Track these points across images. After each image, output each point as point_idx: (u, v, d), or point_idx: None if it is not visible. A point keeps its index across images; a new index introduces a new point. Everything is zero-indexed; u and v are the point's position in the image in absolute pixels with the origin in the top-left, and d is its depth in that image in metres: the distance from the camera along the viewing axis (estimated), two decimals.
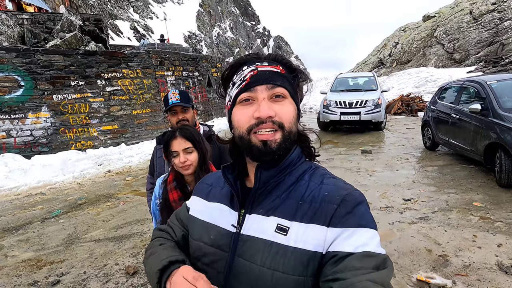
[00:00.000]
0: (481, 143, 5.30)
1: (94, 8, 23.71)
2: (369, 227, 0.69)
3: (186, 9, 48.51)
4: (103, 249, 3.81)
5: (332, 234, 0.68)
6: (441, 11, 28.30)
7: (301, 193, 0.76)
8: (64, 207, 5.25)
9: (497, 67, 13.90)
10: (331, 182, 0.78)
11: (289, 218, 0.73)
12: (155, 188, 1.74)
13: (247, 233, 0.77)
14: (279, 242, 0.72)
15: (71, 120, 7.91)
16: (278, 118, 0.75)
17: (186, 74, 10.95)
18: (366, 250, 0.65)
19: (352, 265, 0.63)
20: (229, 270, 0.78)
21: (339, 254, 0.66)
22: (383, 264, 0.64)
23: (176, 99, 2.10)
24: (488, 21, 20.68)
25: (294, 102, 0.80)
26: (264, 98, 0.75)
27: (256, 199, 0.79)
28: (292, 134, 0.77)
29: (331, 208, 0.71)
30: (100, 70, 8.29)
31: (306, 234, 0.70)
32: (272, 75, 0.77)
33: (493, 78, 5.96)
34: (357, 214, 0.70)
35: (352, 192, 0.74)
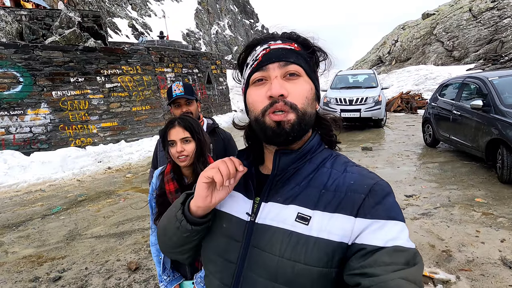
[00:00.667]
0: (483, 140, 5.30)
1: (92, 6, 23.59)
2: (399, 219, 0.65)
3: (184, 7, 48.35)
4: (104, 245, 3.79)
5: (360, 225, 0.65)
6: (440, 8, 28.32)
7: (323, 181, 0.72)
8: (64, 204, 5.23)
9: (496, 65, 13.92)
10: (355, 170, 0.74)
11: (311, 207, 0.69)
12: (152, 180, 1.72)
13: (263, 222, 0.73)
14: (300, 232, 0.68)
15: (71, 117, 7.87)
16: (291, 98, 0.70)
17: (185, 71, 10.92)
18: (396, 245, 0.62)
19: (382, 260, 0.60)
20: (243, 261, 0.74)
21: (367, 247, 0.62)
22: (413, 260, 0.61)
23: (180, 91, 2.05)
24: (487, 18, 20.69)
25: (311, 81, 0.75)
26: (276, 76, 0.71)
27: (273, 187, 0.76)
28: (307, 115, 0.72)
29: (358, 198, 0.67)
30: (99, 66, 8.24)
31: (330, 224, 0.66)
32: (285, 52, 0.73)
33: (494, 75, 5.96)
34: (386, 205, 0.66)
35: (379, 181, 0.70)
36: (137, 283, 2.99)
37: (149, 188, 1.74)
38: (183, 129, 1.54)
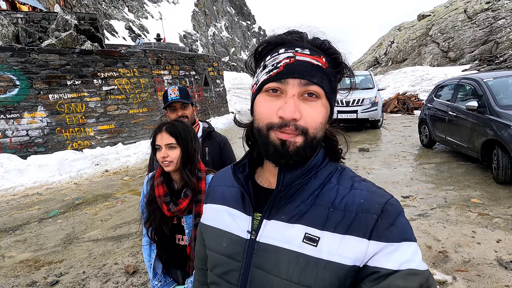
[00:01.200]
0: (478, 140, 5.34)
1: (88, 8, 23.55)
2: (412, 240, 0.63)
3: (181, 9, 48.37)
4: (102, 248, 3.79)
5: (374, 248, 0.62)
6: (435, 10, 28.51)
7: (331, 199, 0.68)
8: (62, 207, 5.22)
9: (491, 65, 14.03)
10: (363, 187, 0.70)
11: (319, 227, 0.65)
12: (143, 185, 1.72)
13: (266, 241, 0.69)
14: (308, 254, 0.64)
15: (68, 120, 7.85)
16: (303, 123, 0.65)
17: (183, 73, 10.93)
18: (410, 268, 0.59)
19: (396, 284, 0.58)
20: (245, 283, 0.70)
21: (381, 271, 0.60)
22: (426, 283, 0.59)
23: (175, 95, 2.07)
24: (482, 19, 20.85)
25: (329, 103, 0.69)
26: (294, 94, 0.65)
27: (276, 203, 0.71)
28: (315, 140, 0.68)
29: (371, 219, 0.63)
30: (96, 69, 8.23)
31: (342, 246, 0.63)
32: (310, 68, 0.66)
33: (489, 76, 6.01)
34: (400, 227, 0.63)
35: (390, 200, 0.66)
36: (135, 286, 2.99)
37: None
38: (169, 135, 1.54)
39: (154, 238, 1.63)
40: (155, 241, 1.64)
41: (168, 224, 1.59)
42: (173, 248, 1.64)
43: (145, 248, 1.71)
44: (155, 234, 1.61)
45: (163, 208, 1.54)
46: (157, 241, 1.63)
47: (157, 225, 1.58)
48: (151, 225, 1.61)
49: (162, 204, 1.54)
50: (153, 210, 1.58)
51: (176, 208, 1.53)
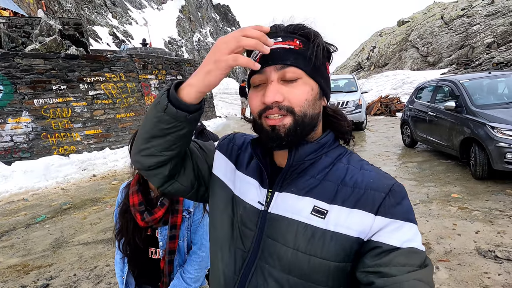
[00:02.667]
0: (457, 139, 5.58)
1: (71, 14, 23.22)
2: (414, 222, 0.66)
3: (166, 15, 48.19)
4: (92, 251, 3.78)
5: (379, 223, 0.65)
6: (414, 16, 29.45)
7: (341, 176, 0.71)
8: (49, 213, 5.14)
9: (468, 69, 14.63)
10: (372, 169, 0.74)
11: (327, 201, 0.68)
12: (118, 194, 1.63)
13: (277, 212, 0.72)
14: (316, 225, 0.67)
15: (53, 125, 7.72)
16: (287, 102, 0.68)
17: (169, 77, 10.93)
18: (412, 246, 0.62)
19: (398, 261, 0.60)
20: (256, 251, 0.73)
21: (383, 246, 0.63)
22: (425, 262, 0.62)
23: None
24: (458, 25, 21.71)
25: (314, 80, 0.72)
26: (272, 80, 0.69)
27: (287, 177, 0.74)
28: (307, 117, 0.70)
29: (378, 196, 0.66)
30: (82, 74, 8.15)
31: (349, 219, 0.66)
32: (283, 53, 0.69)
33: (465, 77, 6.30)
34: (405, 207, 0.66)
35: (397, 183, 0.70)
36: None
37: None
38: None
39: (125, 250, 1.53)
40: (127, 254, 1.54)
41: (142, 235, 1.50)
42: (146, 262, 1.55)
43: (118, 263, 1.60)
44: (127, 246, 1.52)
45: (137, 218, 1.45)
46: (129, 254, 1.54)
47: (130, 236, 1.49)
48: (123, 237, 1.52)
49: (136, 213, 1.45)
50: (126, 220, 1.49)
51: (150, 218, 1.44)
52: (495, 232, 3.45)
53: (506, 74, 6.30)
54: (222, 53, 0.64)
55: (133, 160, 0.80)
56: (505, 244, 3.19)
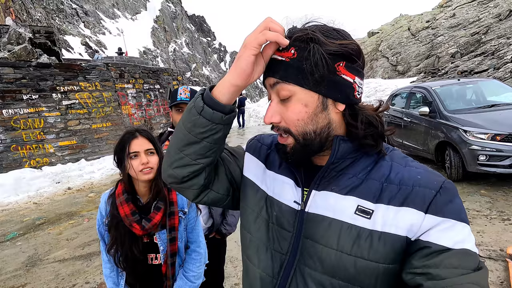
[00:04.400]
0: (432, 143, 5.81)
1: (41, 23, 22.40)
2: (467, 222, 0.61)
3: (140, 25, 47.63)
4: (70, 268, 3.58)
5: (429, 222, 0.61)
6: (383, 28, 30.78)
7: (385, 174, 0.68)
8: (21, 229, 4.84)
9: (435, 77, 15.39)
10: (418, 165, 0.69)
11: (372, 200, 0.65)
12: (100, 205, 1.53)
13: (316, 211, 0.69)
14: (361, 226, 0.64)
15: (24, 136, 7.34)
16: (283, 123, 0.68)
17: (147, 86, 10.74)
18: (465, 248, 0.58)
19: (450, 263, 0.57)
20: (295, 252, 0.70)
21: (433, 246, 0.59)
22: (479, 264, 0.58)
23: (185, 97, 1.91)
24: (424, 36, 22.91)
25: (316, 91, 0.65)
26: (272, 100, 0.69)
27: (327, 175, 0.70)
28: (309, 134, 0.67)
29: (429, 193, 0.62)
30: (55, 83, 7.84)
31: (397, 218, 0.62)
32: (274, 65, 0.67)
33: (436, 84, 6.62)
34: (457, 206, 0.62)
35: (448, 180, 0.66)
36: None
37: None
38: (148, 140, 1.43)
39: (122, 264, 1.45)
40: (124, 268, 1.46)
41: (139, 245, 1.44)
42: (146, 270, 1.49)
43: (110, 277, 1.51)
44: (124, 259, 1.44)
45: (135, 228, 1.40)
46: (127, 268, 1.46)
47: (125, 248, 1.42)
48: (117, 251, 1.44)
49: (132, 224, 1.40)
50: (120, 233, 1.42)
51: (150, 224, 1.40)
52: (474, 232, 3.58)
53: (474, 81, 6.68)
54: (251, 43, 0.63)
55: (165, 175, 0.77)
56: (485, 243, 3.31)
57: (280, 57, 0.66)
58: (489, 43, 14.49)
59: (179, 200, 1.52)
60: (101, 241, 1.53)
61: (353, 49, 0.66)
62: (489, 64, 12.19)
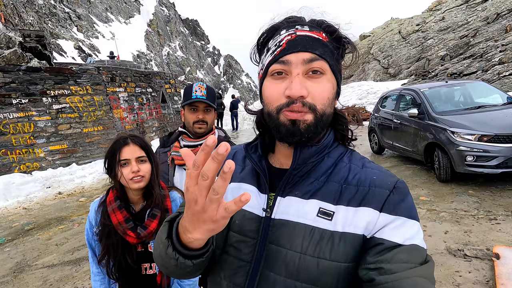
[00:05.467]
0: (421, 144, 5.87)
1: (33, 27, 22.22)
2: (417, 219, 0.66)
3: (133, 29, 47.50)
4: (58, 274, 3.55)
5: (383, 220, 0.64)
6: (374, 31, 31.09)
7: (344, 176, 0.70)
8: (9, 235, 4.79)
9: (426, 79, 15.60)
10: (374, 166, 0.73)
11: (333, 202, 0.67)
12: (89, 214, 1.46)
13: (281, 217, 0.69)
14: (323, 228, 0.66)
15: (14, 141, 7.26)
16: (310, 99, 0.66)
17: (139, 90, 10.70)
18: (414, 244, 0.62)
19: (400, 258, 0.60)
20: (259, 259, 0.70)
21: (386, 243, 0.62)
22: (426, 258, 0.62)
23: (201, 94, 1.71)
24: (414, 39, 23.21)
25: (335, 78, 0.71)
26: (298, 73, 0.66)
27: (290, 181, 0.71)
28: (325, 116, 0.69)
29: (383, 193, 0.66)
30: (45, 87, 7.77)
31: (356, 217, 0.65)
32: (312, 42, 0.67)
33: (425, 86, 6.71)
34: (408, 204, 0.66)
35: (400, 180, 0.69)
36: None
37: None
38: (139, 147, 1.38)
39: (115, 275, 1.39)
40: (117, 278, 1.41)
41: (133, 253, 1.38)
42: (140, 280, 1.43)
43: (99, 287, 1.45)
44: (117, 269, 1.39)
45: (129, 236, 1.34)
46: (120, 278, 1.41)
47: (118, 258, 1.37)
48: (109, 261, 1.38)
49: (126, 231, 1.34)
50: (111, 241, 1.36)
51: (146, 232, 1.35)
52: (462, 231, 3.63)
53: (461, 83, 6.79)
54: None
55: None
56: (472, 242, 3.36)
57: (317, 36, 0.68)
58: (478, 46, 14.74)
59: (173, 207, 1.46)
60: (90, 252, 1.46)
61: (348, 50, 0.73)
62: (477, 66, 12.40)
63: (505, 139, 4.59)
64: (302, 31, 0.68)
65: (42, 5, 28.99)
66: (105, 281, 1.47)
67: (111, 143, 1.41)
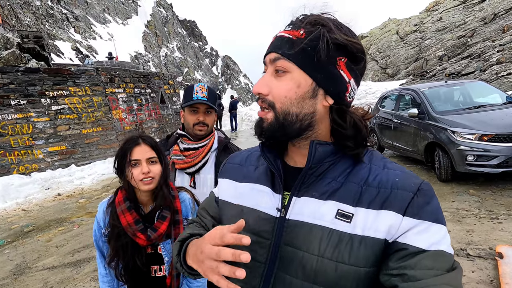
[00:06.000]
0: (421, 144, 5.88)
1: (30, 28, 22.12)
2: (443, 223, 0.62)
3: (131, 30, 47.39)
4: (59, 276, 3.53)
5: (406, 224, 0.61)
6: (372, 31, 31.18)
7: (364, 177, 0.67)
8: (9, 237, 4.75)
9: (424, 80, 15.65)
10: (396, 167, 0.69)
11: (352, 204, 0.64)
12: (97, 215, 1.44)
13: (296, 218, 0.68)
14: (342, 230, 0.63)
15: (12, 142, 7.22)
16: (271, 97, 0.67)
17: (138, 91, 10.67)
18: (440, 249, 0.59)
19: (425, 264, 0.57)
20: (274, 260, 0.69)
21: (409, 248, 0.59)
22: (453, 265, 0.59)
23: (203, 96, 1.67)
24: (412, 40, 23.28)
25: (310, 76, 0.66)
26: (268, 71, 0.69)
27: (306, 180, 0.69)
28: (290, 115, 0.67)
29: (406, 196, 0.62)
30: (44, 88, 7.74)
31: (377, 221, 0.62)
32: (281, 42, 0.67)
33: (424, 86, 6.73)
34: (434, 207, 0.62)
35: (425, 181, 0.66)
36: None
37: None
38: (150, 148, 1.36)
39: (124, 277, 1.38)
40: (126, 281, 1.39)
41: (142, 256, 1.36)
42: (150, 282, 1.42)
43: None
44: (126, 272, 1.37)
45: (139, 238, 1.33)
46: (130, 281, 1.39)
47: (127, 260, 1.35)
48: (118, 263, 1.36)
49: (135, 233, 1.32)
50: (120, 243, 1.34)
51: (156, 234, 1.33)
52: (464, 231, 3.63)
53: (460, 82, 6.82)
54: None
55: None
56: (474, 242, 3.36)
57: (288, 35, 0.67)
58: (475, 46, 14.80)
59: (183, 208, 1.44)
60: (97, 254, 1.44)
61: (358, 48, 0.67)
62: (475, 66, 12.45)
63: (505, 139, 4.61)
64: (282, 32, 0.69)
65: (40, 6, 28.88)
66: (113, 283, 1.45)
67: (122, 143, 1.39)
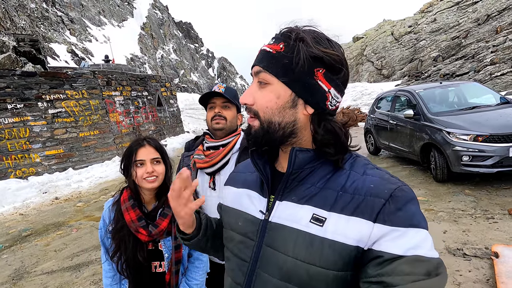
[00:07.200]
0: (417, 144, 5.92)
1: (25, 31, 22.00)
2: (421, 227, 0.61)
3: (127, 32, 47.26)
4: (58, 280, 3.52)
5: (378, 231, 0.61)
6: (367, 33, 31.35)
7: (341, 183, 0.69)
8: (6, 241, 4.73)
9: (419, 80, 15.78)
10: (375, 173, 0.69)
11: (327, 209, 0.66)
12: (103, 213, 1.52)
13: (277, 221, 0.72)
14: (314, 233, 0.66)
15: (9, 146, 7.19)
16: (255, 106, 0.72)
17: (135, 94, 10.66)
18: (417, 254, 0.58)
19: (401, 270, 0.57)
20: (256, 260, 0.74)
21: (385, 255, 0.59)
22: (435, 270, 0.58)
23: (219, 91, 1.63)
24: (407, 41, 23.46)
25: (290, 87, 0.70)
26: (253, 83, 0.74)
27: (288, 185, 0.73)
28: (273, 124, 0.71)
29: (378, 203, 0.63)
30: (40, 91, 7.72)
31: (347, 227, 0.63)
32: (263, 55, 0.72)
33: (420, 87, 6.77)
34: (408, 212, 0.62)
35: (401, 186, 0.65)
36: None
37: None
38: (154, 149, 1.45)
39: (126, 271, 1.44)
40: (127, 275, 1.45)
41: (144, 251, 1.43)
42: (150, 278, 1.48)
43: (109, 285, 1.50)
44: (128, 266, 1.43)
45: (141, 233, 1.40)
46: (130, 275, 1.45)
47: (129, 254, 1.41)
48: (120, 257, 1.43)
49: (138, 229, 1.40)
50: (123, 238, 1.41)
51: (157, 230, 1.40)
52: (460, 231, 3.66)
53: (455, 84, 6.88)
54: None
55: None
56: (471, 241, 3.39)
57: (269, 49, 0.71)
58: (469, 47, 14.95)
59: None
60: (102, 249, 1.51)
61: (335, 59, 0.69)
62: (469, 67, 12.58)
63: (500, 139, 4.66)
64: (265, 46, 0.73)
65: (34, 8, 28.74)
66: (116, 278, 1.51)
67: (128, 145, 1.48)
